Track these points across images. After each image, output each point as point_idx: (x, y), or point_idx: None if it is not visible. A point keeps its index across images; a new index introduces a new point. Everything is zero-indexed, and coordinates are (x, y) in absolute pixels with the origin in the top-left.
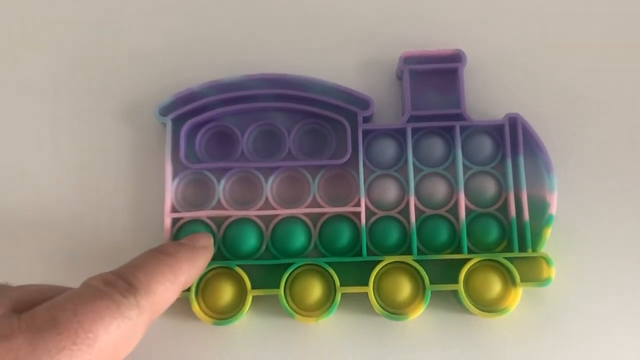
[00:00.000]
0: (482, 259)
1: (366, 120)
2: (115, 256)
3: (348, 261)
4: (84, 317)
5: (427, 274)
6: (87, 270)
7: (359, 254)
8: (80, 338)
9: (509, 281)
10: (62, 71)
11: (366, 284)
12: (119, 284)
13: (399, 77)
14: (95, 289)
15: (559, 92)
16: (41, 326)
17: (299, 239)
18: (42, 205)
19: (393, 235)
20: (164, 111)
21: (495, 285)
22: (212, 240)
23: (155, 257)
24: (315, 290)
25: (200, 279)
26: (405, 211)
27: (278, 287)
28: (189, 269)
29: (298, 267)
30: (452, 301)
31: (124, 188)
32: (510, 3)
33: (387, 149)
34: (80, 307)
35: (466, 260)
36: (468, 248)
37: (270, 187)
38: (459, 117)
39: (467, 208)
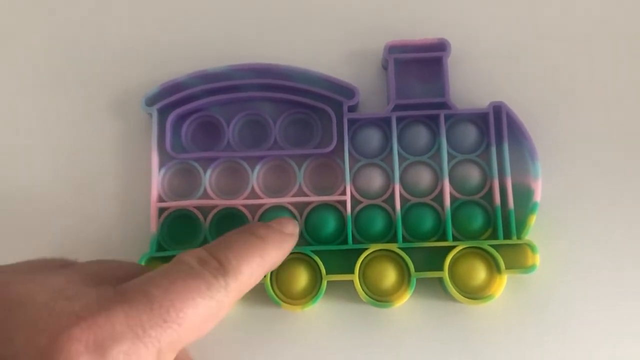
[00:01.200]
0: (467, 246)
1: (352, 109)
2: (102, 246)
3: (334, 249)
4: (175, 295)
5: (412, 261)
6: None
7: (345, 242)
8: (171, 316)
9: (494, 268)
10: (49, 63)
11: (352, 271)
12: (212, 263)
13: (385, 67)
14: (189, 267)
15: (543, 80)
16: (135, 299)
17: None
18: (29, 196)
19: (378, 224)
20: (150, 101)
21: (480, 273)
22: (298, 228)
23: (247, 238)
24: (301, 278)
25: None
26: (390, 199)
27: (264, 275)
28: (277, 253)
29: None
30: (437, 288)
31: (111, 178)
32: None
33: (373, 137)
34: (173, 284)
35: (451, 248)
36: (453, 236)
37: (256, 176)
38: (444, 105)
39: (452, 196)
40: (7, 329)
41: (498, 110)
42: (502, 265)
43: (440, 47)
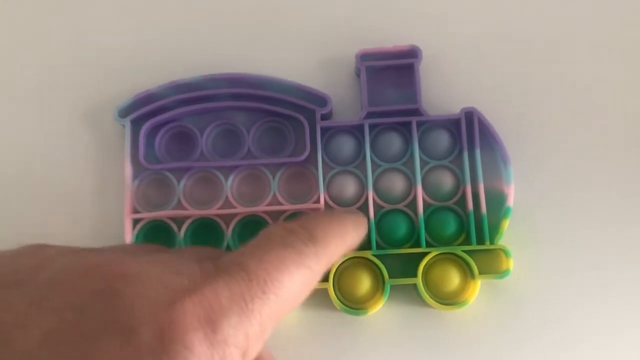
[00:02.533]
0: (440, 252)
1: (325, 117)
2: None
3: None
4: (270, 265)
5: (386, 268)
6: None
7: None
8: (268, 286)
9: (468, 274)
10: (21, 74)
11: (326, 279)
12: (301, 232)
13: (358, 74)
14: (279, 237)
15: (514, 85)
16: (234, 272)
17: None
18: (1, 208)
19: None
20: (123, 113)
21: (454, 278)
22: (366, 220)
23: (327, 218)
24: None
25: None
26: (364, 206)
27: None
28: (353, 234)
29: None
30: (411, 295)
31: (85, 190)
32: None
33: (346, 145)
34: (267, 255)
35: (425, 254)
36: (427, 242)
37: (230, 186)
38: (416, 112)
39: (425, 202)
40: (127, 300)
41: (470, 115)
42: (476, 270)
43: (411, 53)
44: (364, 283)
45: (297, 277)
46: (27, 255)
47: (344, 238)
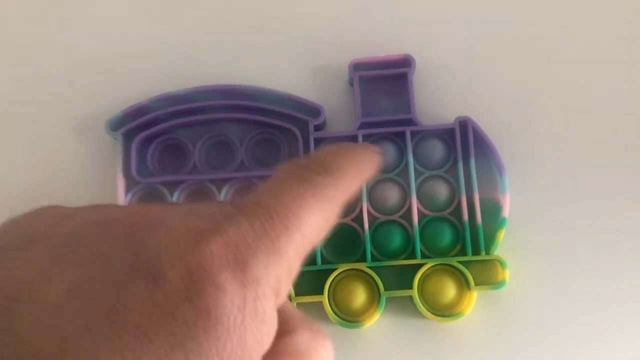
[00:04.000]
0: (436, 263)
1: (318, 128)
2: None
3: (303, 270)
4: (289, 199)
5: (381, 280)
6: None
7: (313, 262)
8: (290, 222)
9: (464, 285)
10: (13, 87)
11: (321, 292)
12: (312, 165)
13: (351, 84)
14: (292, 172)
15: (508, 94)
16: (254, 211)
17: None
18: None
19: (347, 243)
20: (114, 126)
21: (449, 290)
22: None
23: (340, 147)
24: None
25: None
26: (358, 218)
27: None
28: (368, 163)
29: None
30: (407, 307)
31: (77, 203)
32: (457, 8)
33: None
34: (282, 189)
35: (420, 266)
36: (422, 253)
37: (223, 198)
38: (410, 122)
39: (420, 213)
40: (152, 245)
41: (464, 125)
42: (472, 281)
43: (405, 63)
44: (359, 295)
45: (317, 210)
46: (44, 215)
47: (359, 166)
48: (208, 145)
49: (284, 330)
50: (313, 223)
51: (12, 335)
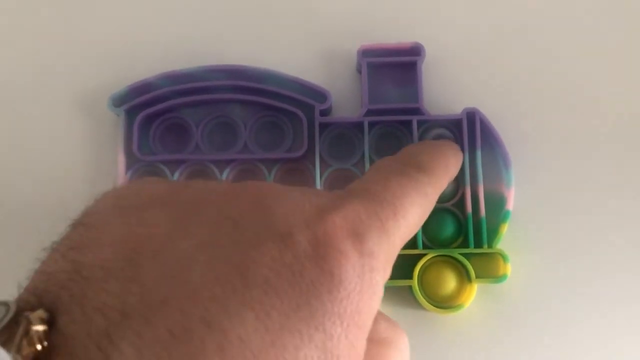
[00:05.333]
0: (437, 254)
1: (324, 113)
2: None
3: None
4: (395, 190)
5: None
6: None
7: None
8: (397, 209)
9: (465, 277)
10: (14, 61)
11: None
12: (409, 163)
13: (359, 71)
14: (393, 167)
15: (517, 86)
16: (365, 196)
17: None
18: None
19: None
20: (118, 102)
21: (450, 281)
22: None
23: (430, 146)
24: None
25: None
26: None
27: None
28: (455, 163)
29: None
30: (406, 297)
31: (77, 180)
32: None
33: (344, 143)
34: (389, 181)
35: (421, 256)
36: (423, 243)
37: (225, 180)
38: (417, 111)
39: None
40: (280, 211)
41: (471, 116)
42: (473, 274)
43: (414, 51)
44: None
45: (417, 204)
46: (158, 182)
47: (448, 167)
48: (212, 126)
49: None
50: (415, 215)
51: (138, 284)
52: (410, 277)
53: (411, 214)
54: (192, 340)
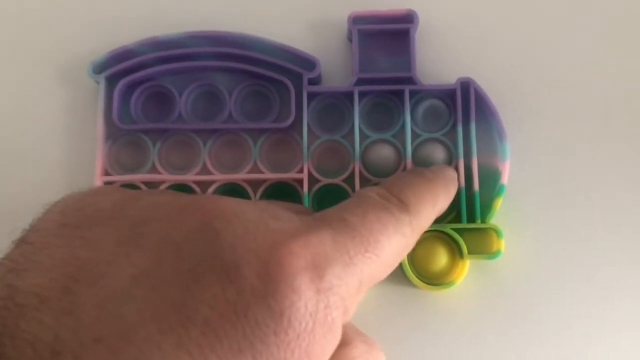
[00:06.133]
0: (428, 230)
1: (313, 82)
2: None
3: None
4: (372, 225)
5: None
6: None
7: None
8: (371, 246)
9: (456, 253)
10: None
11: None
12: (393, 199)
13: (350, 39)
14: (375, 200)
15: (514, 56)
16: (337, 226)
17: None
18: None
19: (337, 204)
20: (98, 69)
21: (441, 258)
22: (456, 175)
23: (419, 180)
24: None
25: None
26: (350, 179)
27: None
28: (444, 198)
29: None
30: (396, 274)
31: (55, 149)
32: None
33: (334, 113)
34: (368, 214)
35: None
36: None
37: (208, 151)
38: (409, 80)
39: None
40: (228, 237)
41: (466, 86)
42: (465, 250)
43: (407, 19)
44: None
45: (394, 242)
46: (107, 194)
47: (435, 204)
48: (195, 95)
49: (341, 341)
50: (390, 253)
51: (73, 318)
52: None
53: (386, 253)
54: None
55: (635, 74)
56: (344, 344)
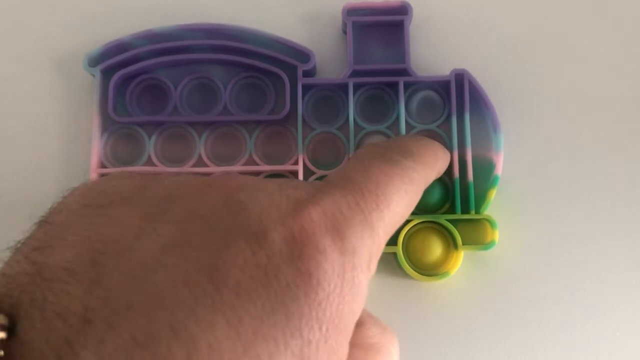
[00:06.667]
0: (422, 220)
1: (308, 74)
2: (39, 211)
3: None
4: (377, 178)
5: None
6: (11, 224)
7: None
8: (380, 199)
9: (451, 244)
10: None
11: None
12: (396, 148)
13: (344, 31)
14: (377, 153)
15: (508, 48)
16: (346, 186)
17: None
18: None
19: None
20: (93, 62)
21: (436, 248)
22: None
23: (417, 136)
24: None
25: None
26: None
27: None
28: (443, 157)
29: None
30: (391, 265)
31: (50, 142)
32: None
33: (329, 105)
34: (371, 168)
35: (406, 222)
36: None
37: (204, 143)
38: (404, 72)
39: None
40: (253, 208)
41: (460, 78)
42: (459, 241)
43: (401, 10)
44: None
45: (402, 191)
46: (128, 177)
47: (437, 157)
48: (190, 87)
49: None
50: (400, 204)
51: (102, 288)
52: (395, 243)
53: (396, 203)
54: (157, 348)
55: (628, 67)
56: (359, 324)
